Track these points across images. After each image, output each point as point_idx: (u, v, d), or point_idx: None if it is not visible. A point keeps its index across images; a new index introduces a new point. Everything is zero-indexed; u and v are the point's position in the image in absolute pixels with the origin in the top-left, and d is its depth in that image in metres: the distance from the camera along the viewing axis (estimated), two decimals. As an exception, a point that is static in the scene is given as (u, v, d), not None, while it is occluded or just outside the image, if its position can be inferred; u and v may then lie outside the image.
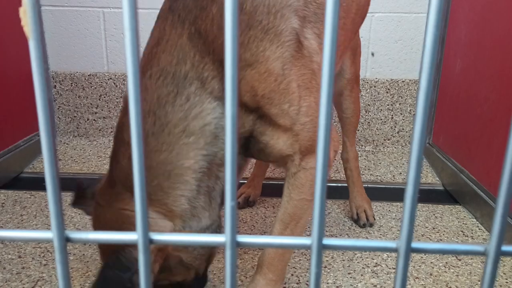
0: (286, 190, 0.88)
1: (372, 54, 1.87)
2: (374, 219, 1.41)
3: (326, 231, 1.36)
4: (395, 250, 0.28)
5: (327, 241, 0.28)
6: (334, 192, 1.64)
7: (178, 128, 0.71)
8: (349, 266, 1.17)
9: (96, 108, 2.10)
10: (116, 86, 2.08)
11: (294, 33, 0.79)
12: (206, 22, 0.73)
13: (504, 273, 1.15)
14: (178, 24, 0.74)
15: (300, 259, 1.20)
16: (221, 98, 0.74)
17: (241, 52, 0.74)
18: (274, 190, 1.58)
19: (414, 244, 0.28)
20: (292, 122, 0.79)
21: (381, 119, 2.09)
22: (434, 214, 1.48)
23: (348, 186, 1.45)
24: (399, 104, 2.08)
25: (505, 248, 0.27)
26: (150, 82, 0.72)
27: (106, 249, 0.79)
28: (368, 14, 1.99)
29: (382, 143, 2.12)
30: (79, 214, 1.42)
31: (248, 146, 0.82)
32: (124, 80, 2.08)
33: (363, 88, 2.06)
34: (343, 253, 1.23)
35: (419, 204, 1.56)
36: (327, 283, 1.10)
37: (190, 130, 0.72)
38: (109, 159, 0.83)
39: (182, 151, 0.72)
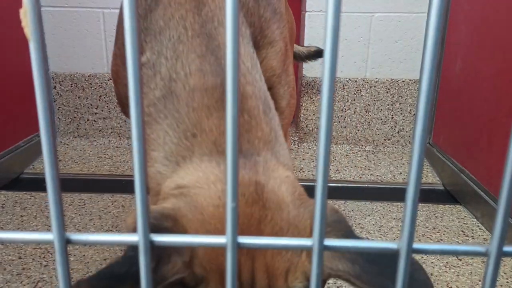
0: None
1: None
2: None
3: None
4: (396, 251, 0.28)
5: (328, 242, 0.28)
6: (335, 192, 1.64)
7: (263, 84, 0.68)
8: (349, 266, 1.17)
9: (96, 108, 2.10)
10: (116, 86, 2.08)
11: (285, 17, 0.81)
12: None
13: (504, 273, 1.15)
14: None
15: (300, 260, 1.20)
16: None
17: (264, 28, 0.73)
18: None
19: (415, 245, 0.28)
20: (286, 104, 0.80)
21: (381, 119, 2.09)
22: (434, 214, 1.48)
23: None
24: (399, 104, 2.08)
25: (506, 248, 0.27)
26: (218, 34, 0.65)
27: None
28: (368, 14, 1.99)
29: (383, 143, 2.12)
30: (79, 214, 1.42)
31: None
32: (124, 80, 2.08)
33: (364, 88, 2.06)
34: (343, 253, 1.23)
35: (420, 204, 1.56)
36: (328, 284, 1.10)
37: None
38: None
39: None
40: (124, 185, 1.67)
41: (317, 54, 1.83)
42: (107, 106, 2.10)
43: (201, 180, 0.52)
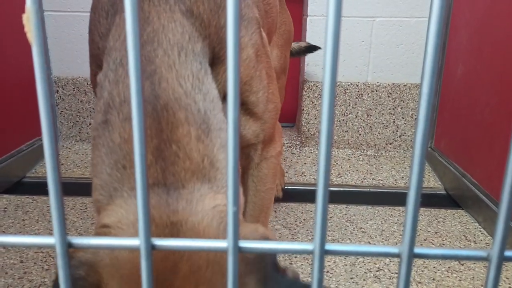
0: (251, 184, 0.88)
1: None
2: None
3: (328, 236, 1.36)
4: (397, 255, 0.28)
5: (329, 246, 0.28)
6: (336, 196, 1.63)
7: (218, 107, 0.65)
8: (351, 270, 1.17)
9: (98, 112, 2.11)
10: (118, 90, 2.08)
11: (258, 22, 0.80)
12: (197, 2, 0.68)
13: (507, 278, 1.15)
14: (161, 2, 0.66)
15: (302, 264, 1.19)
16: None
17: (225, 38, 0.71)
18: (276, 195, 1.58)
19: (417, 250, 0.28)
20: (263, 110, 0.79)
21: (382, 123, 2.09)
22: (436, 219, 1.47)
23: None
24: (401, 108, 2.08)
25: (508, 253, 0.27)
26: (169, 59, 0.62)
27: None
28: (369, 19, 2.00)
29: (384, 147, 2.11)
30: (81, 218, 1.42)
31: None
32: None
33: (365, 93, 2.06)
34: (345, 258, 1.23)
35: (421, 209, 1.55)
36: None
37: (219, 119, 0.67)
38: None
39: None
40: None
41: (308, 49, 1.83)
42: (109, 110, 2.10)
43: (123, 220, 0.52)
